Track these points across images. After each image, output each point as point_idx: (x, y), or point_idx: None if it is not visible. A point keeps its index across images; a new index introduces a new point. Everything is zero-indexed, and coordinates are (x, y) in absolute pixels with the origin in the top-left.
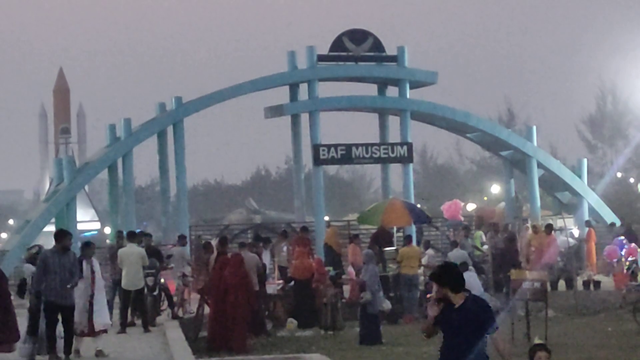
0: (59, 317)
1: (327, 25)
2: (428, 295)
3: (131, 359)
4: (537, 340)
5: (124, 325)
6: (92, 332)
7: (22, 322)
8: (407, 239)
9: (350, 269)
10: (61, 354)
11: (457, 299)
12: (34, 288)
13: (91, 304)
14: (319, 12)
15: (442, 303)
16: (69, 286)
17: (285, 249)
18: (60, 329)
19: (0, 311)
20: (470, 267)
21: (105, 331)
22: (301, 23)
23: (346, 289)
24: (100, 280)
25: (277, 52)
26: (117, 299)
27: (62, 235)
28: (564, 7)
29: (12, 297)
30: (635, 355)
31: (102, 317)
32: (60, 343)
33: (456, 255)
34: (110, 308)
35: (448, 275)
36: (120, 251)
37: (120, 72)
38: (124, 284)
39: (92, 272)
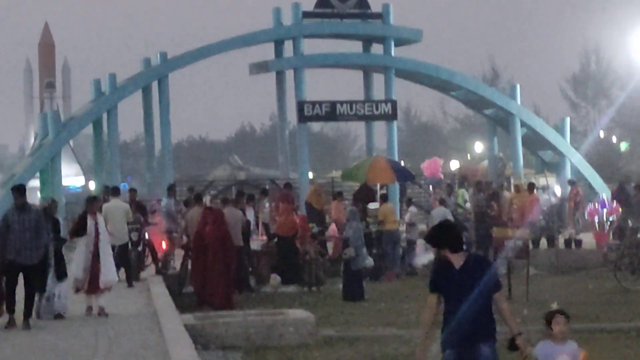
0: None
1: None
2: None
3: (115, 314)
4: (554, 307)
5: None
6: (93, 290)
7: None
8: (382, 198)
9: (333, 226)
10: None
11: (458, 260)
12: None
13: (95, 261)
14: None
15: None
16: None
17: (267, 205)
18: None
19: None
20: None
21: (108, 289)
22: None
23: (329, 245)
24: (106, 236)
25: (262, 9)
26: None
27: (14, 192)
28: None
29: None
30: (615, 313)
31: (108, 274)
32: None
33: (439, 212)
34: None
35: (445, 236)
36: (104, 206)
37: (105, 27)
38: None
39: (97, 227)
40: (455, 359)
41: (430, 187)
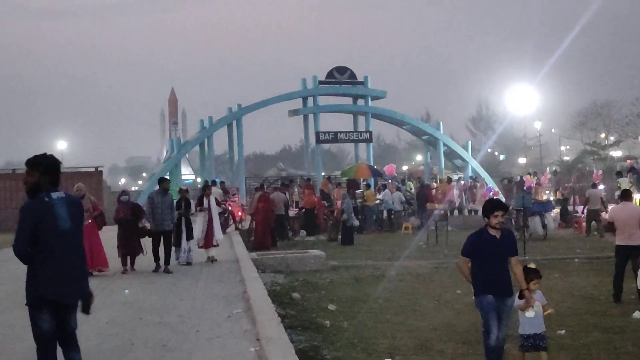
0: (161, 239)
1: (324, 62)
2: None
3: (212, 252)
4: (530, 265)
5: None
6: (208, 245)
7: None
8: (367, 186)
9: (338, 203)
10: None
11: (496, 233)
12: (147, 219)
13: (210, 226)
14: (320, 56)
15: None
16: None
17: (296, 190)
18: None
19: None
20: (403, 198)
21: (218, 244)
22: (310, 61)
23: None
24: (216, 210)
25: (295, 79)
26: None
27: (161, 181)
28: (461, 49)
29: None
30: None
31: (218, 234)
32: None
33: (396, 195)
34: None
35: (494, 205)
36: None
37: (206, 88)
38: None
39: (209, 204)
40: (494, 302)
41: (389, 180)
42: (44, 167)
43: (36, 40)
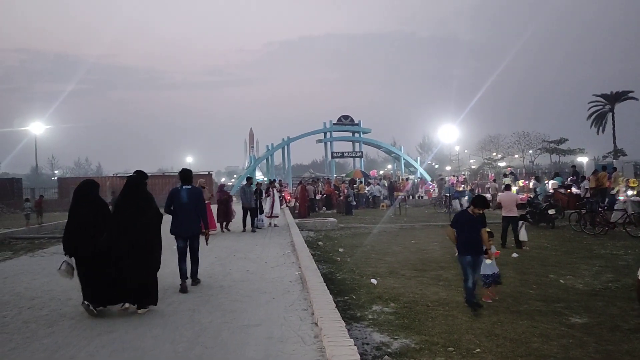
0: (249, 212)
1: (337, 111)
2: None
3: (274, 220)
4: (488, 229)
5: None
6: (271, 216)
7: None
8: (361, 182)
9: (345, 191)
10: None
11: (475, 214)
12: (242, 201)
13: (273, 205)
14: (334, 107)
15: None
16: (256, 200)
17: (320, 184)
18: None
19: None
20: (381, 189)
21: (277, 216)
22: (328, 111)
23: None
24: (277, 196)
25: (319, 121)
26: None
27: (248, 179)
28: (415, 102)
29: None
30: (437, 219)
31: (278, 211)
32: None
33: (376, 188)
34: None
35: (482, 201)
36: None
37: (270, 125)
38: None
39: (273, 193)
40: (471, 260)
41: (373, 179)
42: (180, 174)
43: (166, 103)
